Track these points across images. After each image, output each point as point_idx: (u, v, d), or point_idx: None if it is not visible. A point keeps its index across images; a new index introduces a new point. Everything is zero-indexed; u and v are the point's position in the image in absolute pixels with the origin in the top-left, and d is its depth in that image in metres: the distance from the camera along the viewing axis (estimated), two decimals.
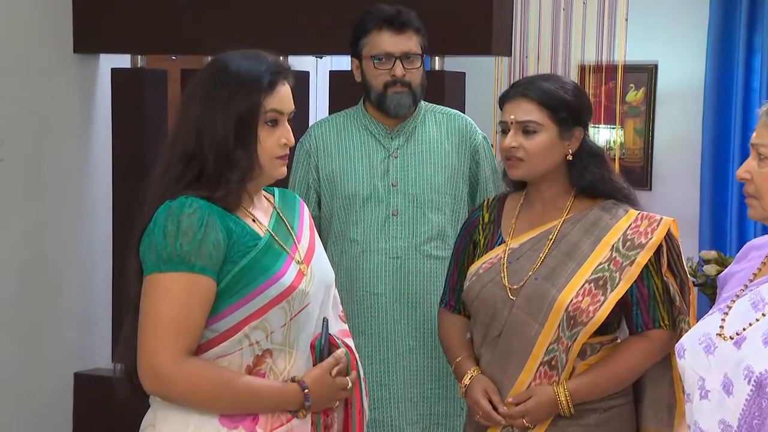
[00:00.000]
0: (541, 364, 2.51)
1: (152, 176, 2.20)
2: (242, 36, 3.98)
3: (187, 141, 2.14)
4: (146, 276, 2.11)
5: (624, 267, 2.51)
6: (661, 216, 2.57)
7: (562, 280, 2.51)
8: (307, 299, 2.21)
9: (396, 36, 3.10)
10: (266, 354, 2.16)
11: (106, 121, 4.42)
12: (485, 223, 2.71)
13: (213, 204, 2.13)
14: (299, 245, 2.26)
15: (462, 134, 3.24)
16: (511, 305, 2.54)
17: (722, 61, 5.92)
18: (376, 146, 3.20)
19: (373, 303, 3.16)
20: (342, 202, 3.20)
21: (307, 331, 2.23)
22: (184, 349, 2.07)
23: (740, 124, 5.89)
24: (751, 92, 5.87)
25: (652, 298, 2.54)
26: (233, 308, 2.13)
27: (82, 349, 4.49)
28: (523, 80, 2.65)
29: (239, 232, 2.14)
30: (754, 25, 5.83)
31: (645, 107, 6.16)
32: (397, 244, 3.15)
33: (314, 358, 2.24)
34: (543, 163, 2.57)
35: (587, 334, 2.49)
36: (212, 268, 2.09)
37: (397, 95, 3.13)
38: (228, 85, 2.14)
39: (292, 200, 2.38)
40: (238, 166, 2.13)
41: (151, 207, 2.15)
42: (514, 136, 2.56)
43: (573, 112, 2.57)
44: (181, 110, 2.19)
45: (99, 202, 4.49)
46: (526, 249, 2.60)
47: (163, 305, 2.07)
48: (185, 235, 2.07)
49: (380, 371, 3.16)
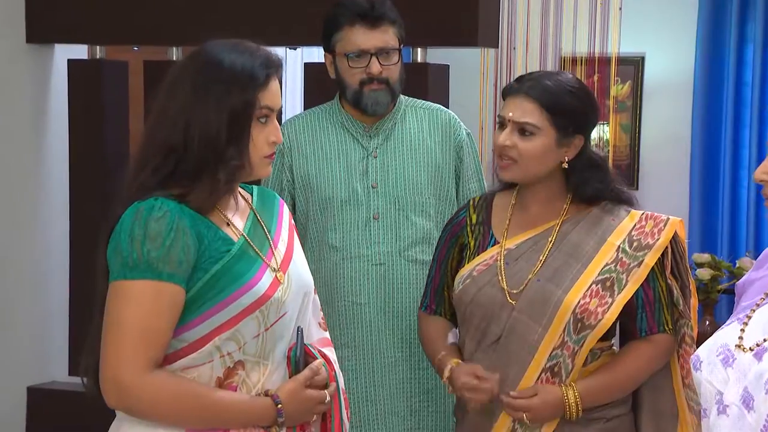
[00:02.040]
0: (543, 371, 2.49)
1: (127, 168, 2.19)
2: (209, 25, 3.93)
3: (170, 133, 2.12)
4: (111, 282, 2.09)
5: (631, 268, 2.51)
6: (667, 216, 2.57)
7: (568, 281, 2.50)
8: (283, 308, 2.18)
9: (370, 31, 3.03)
10: (238, 366, 2.14)
11: (63, 115, 4.37)
12: (474, 224, 2.69)
13: (184, 205, 2.10)
14: (276, 250, 2.24)
15: (445, 130, 3.19)
16: (510, 308, 2.53)
17: (712, 52, 5.97)
18: (354, 145, 3.15)
19: (355, 313, 3.11)
20: (318, 205, 3.15)
21: (284, 342, 2.21)
22: (149, 360, 2.05)
23: (732, 119, 5.93)
24: (743, 85, 5.91)
25: (657, 301, 2.55)
26: (203, 317, 2.10)
27: (35, 361, 4.43)
28: (529, 76, 2.61)
29: (211, 237, 2.12)
30: (747, 13, 5.87)
31: (631, 102, 6.17)
32: (380, 249, 3.10)
33: (290, 369, 2.21)
34: (536, 168, 2.55)
35: (596, 338, 2.49)
36: (181, 276, 2.07)
37: (374, 93, 3.07)
38: (222, 78, 2.12)
39: (271, 200, 2.34)
40: (227, 164, 2.12)
41: (122, 204, 2.12)
42: (510, 134, 2.54)
43: (575, 119, 2.55)
44: (162, 100, 2.16)
45: (55, 203, 4.44)
46: (525, 249, 2.58)
47: (128, 314, 2.06)
48: (153, 240, 2.06)
49: (365, 385, 3.11)
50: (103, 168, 4.23)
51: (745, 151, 5.92)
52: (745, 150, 5.91)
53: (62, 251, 4.38)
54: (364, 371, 3.11)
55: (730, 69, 5.91)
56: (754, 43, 5.84)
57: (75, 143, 4.31)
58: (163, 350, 2.07)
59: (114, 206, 2.15)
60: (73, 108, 4.30)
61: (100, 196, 4.20)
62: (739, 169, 5.95)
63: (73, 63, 4.30)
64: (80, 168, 4.30)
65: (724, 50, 5.93)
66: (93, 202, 4.21)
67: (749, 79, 5.87)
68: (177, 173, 2.11)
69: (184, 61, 2.22)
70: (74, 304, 4.30)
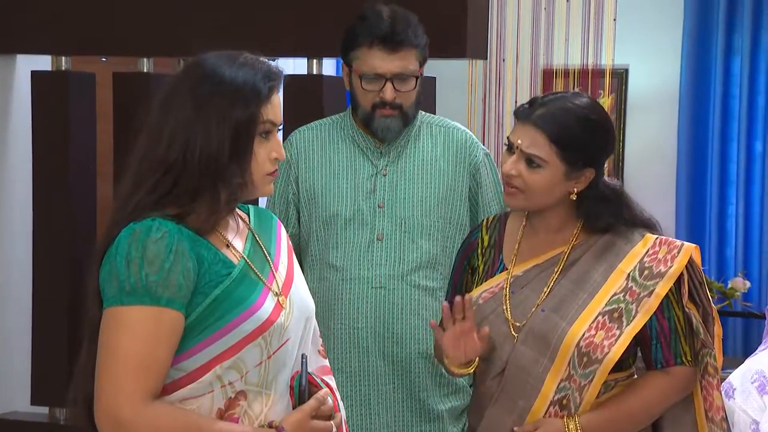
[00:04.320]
0: (551, 404, 2.47)
1: (118, 188, 2.15)
2: (182, 36, 3.93)
3: (169, 150, 2.09)
4: (107, 308, 2.05)
5: (641, 298, 2.47)
6: (681, 242, 2.53)
7: (573, 312, 2.47)
8: (286, 334, 2.17)
9: (388, 55, 3.01)
10: (240, 396, 2.11)
11: (26, 129, 4.31)
12: (485, 247, 2.67)
13: (182, 226, 2.08)
14: (276, 273, 2.22)
15: (460, 150, 3.17)
16: (514, 340, 2.51)
17: (698, 64, 6.00)
18: (363, 162, 3.14)
19: (352, 338, 3.09)
20: (322, 222, 3.13)
21: (287, 370, 2.19)
22: (147, 391, 2.03)
23: (718, 133, 5.96)
24: (730, 98, 5.94)
25: (673, 332, 2.51)
26: (203, 345, 2.08)
27: None
28: (541, 100, 2.56)
29: (210, 260, 2.10)
30: (733, 24, 5.90)
31: (615, 115, 6.18)
32: (381, 272, 3.08)
33: (293, 399, 2.19)
34: (542, 199, 2.53)
35: (604, 373, 2.46)
36: (181, 301, 2.05)
37: (386, 119, 3.06)
38: (224, 92, 2.10)
39: (268, 221, 2.33)
40: (229, 182, 2.10)
41: (116, 224, 2.09)
42: (516, 163, 2.51)
43: (585, 153, 2.51)
44: (158, 116, 2.13)
45: (16, 220, 4.38)
46: (531, 277, 2.56)
47: (126, 342, 2.02)
48: (151, 263, 2.03)
49: (361, 413, 3.10)
50: (68, 185, 4.18)
51: (732, 166, 5.94)
52: (733, 165, 5.93)
53: (24, 272, 4.32)
54: (359, 399, 3.09)
55: (716, 81, 5.93)
56: (741, 54, 5.86)
57: (38, 159, 4.25)
58: (162, 380, 2.04)
59: (107, 227, 2.12)
60: (37, 122, 4.24)
61: (65, 214, 4.16)
62: (726, 186, 5.96)
63: (36, 75, 4.24)
64: (43, 185, 4.24)
65: (711, 62, 5.95)
66: (57, 222, 4.17)
67: (736, 91, 5.89)
68: (175, 192, 2.09)
69: (180, 74, 2.20)
70: (36, 330, 4.24)
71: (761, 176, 5.85)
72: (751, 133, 5.88)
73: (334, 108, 3.86)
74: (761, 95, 5.84)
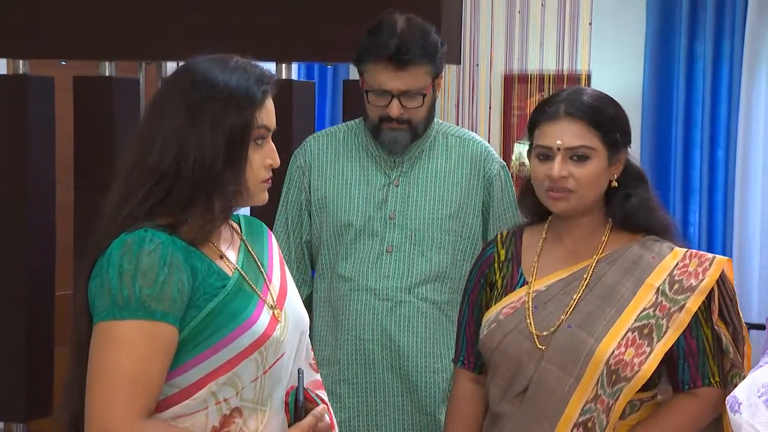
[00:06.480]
0: (575, 426, 2.38)
1: (108, 199, 2.11)
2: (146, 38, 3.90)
3: (161, 158, 2.06)
4: (98, 323, 2.01)
5: (672, 313, 2.40)
6: (713, 255, 2.46)
7: (601, 329, 2.40)
8: (281, 349, 2.15)
9: (395, 72, 2.97)
10: (235, 413, 2.09)
11: None
12: (502, 262, 2.60)
13: (176, 237, 2.06)
14: (271, 285, 2.20)
15: (476, 163, 3.14)
16: (539, 357, 2.42)
17: (661, 71, 6.04)
18: (376, 171, 3.12)
19: (358, 350, 3.08)
20: (333, 231, 3.12)
21: (282, 385, 2.17)
22: (141, 409, 1.99)
23: (682, 139, 6.01)
24: (693, 104, 5.99)
25: (701, 352, 2.44)
26: (197, 360, 2.06)
27: None
28: (557, 97, 2.51)
29: (205, 272, 2.08)
30: (695, 31, 5.96)
31: None
32: (389, 284, 3.06)
33: (288, 415, 2.17)
34: (592, 194, 2.47)
35: (632, 390, 2.38)
36: (175, 315, 2.02)
37: (393, 132, 3.04)
38: (217, 97, 2.08)
39: (259, 231, 2.31)
40: (224, 190, 2.07)
41: (106, 236, 2.05)
42: (563, 164, 2.43)
43: (622, 132, 2.49)
44: (148, 123, 2.12)
45: None
46: (555, 292, 2.48)
47: (119, 359, 1.99)
48: (145, 276, 2.00)
49: (368, 425, 3.09)
50: (26, 192, 4.12)
51: (695, 172, 5.98)
52: (696, 171, 5.98)
53: None
54: (366, 410, 3.08)
55: (679, 88, 5.96)
56: (703, 60, 5.91)
57: None
58: (156, 397, 2.01)
59: (95, 238, 2.08)
60: None
61: (22, 222, 4.10)
62: (689, 192, 6.01)
63: None
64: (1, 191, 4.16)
65: (673, 68, 5.99)
66: (15, 229, 4.11)
67: (699, 97, 5.94)
68: (167, 202, 2.06)
69: (170, 79, 2.17)
70: None
71: (724, 183, 5.89)
72: (714, 140, 5.92)
73: (303, 114, 3.86)
74: (724, 102, 5.88)
